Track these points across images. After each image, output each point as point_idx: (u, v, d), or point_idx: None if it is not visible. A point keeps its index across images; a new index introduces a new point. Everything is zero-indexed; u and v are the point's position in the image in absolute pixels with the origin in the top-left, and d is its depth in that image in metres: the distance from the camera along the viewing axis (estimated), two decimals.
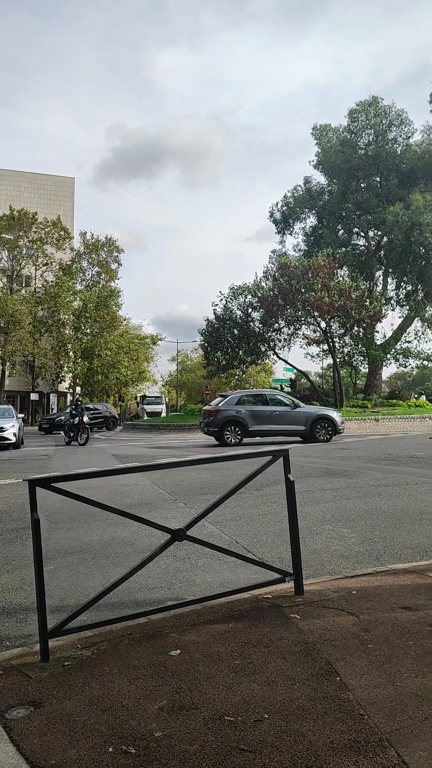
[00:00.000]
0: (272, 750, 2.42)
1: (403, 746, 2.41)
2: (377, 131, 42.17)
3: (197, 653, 3.38)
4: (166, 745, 2.49)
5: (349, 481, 10.31)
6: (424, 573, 4.82)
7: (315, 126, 45.05)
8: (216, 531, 6.65)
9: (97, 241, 58.26)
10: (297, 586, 4.40)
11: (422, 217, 36.33)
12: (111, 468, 4.14)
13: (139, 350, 58.04)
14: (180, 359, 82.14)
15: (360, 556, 5.55)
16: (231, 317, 36.88)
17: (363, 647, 3.37)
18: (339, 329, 36.57)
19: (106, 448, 21.55)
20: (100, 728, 2.64)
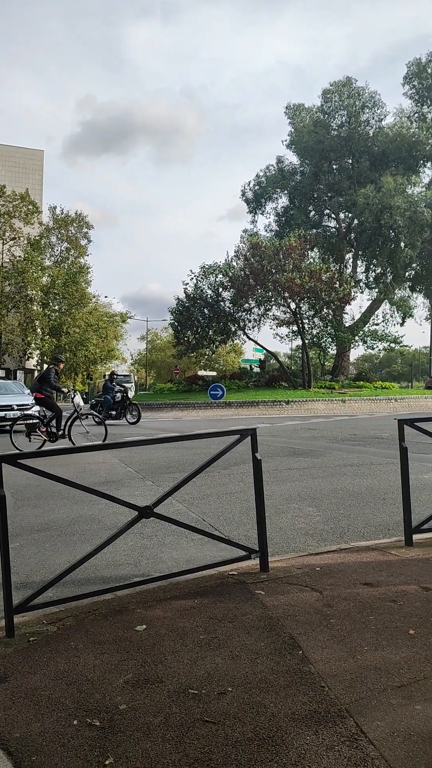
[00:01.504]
0: (235, 721, 2.47)
1: (361, 716, 2.49)
2: (350, 113, 42.10)
3: (163, 628, 3.42)
4: (130, 717, 2.52)
5: (315, 461, 10.44)
6: (386, 550, 4.93)
7: (288, 105, 44.83)
8: (183, 509, 6.69)
9: (66, 217, 57.29)
10: (262, 563, 4.47)
11: (392, 200, 36.52)
12: (78, 446, 4.12)
13: (108, 328, 57.51)
14: (150, 338, 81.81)
15: (324, 534, 5.65)
16: (201, 296, 36.76)
17: (325, 622, 3.45)
18: (309, 311, 36.73)
19: None
20: (65, 702, 2.66)
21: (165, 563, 4.83)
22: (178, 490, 4.41)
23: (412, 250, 38.40)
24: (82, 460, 10.78)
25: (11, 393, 20.05)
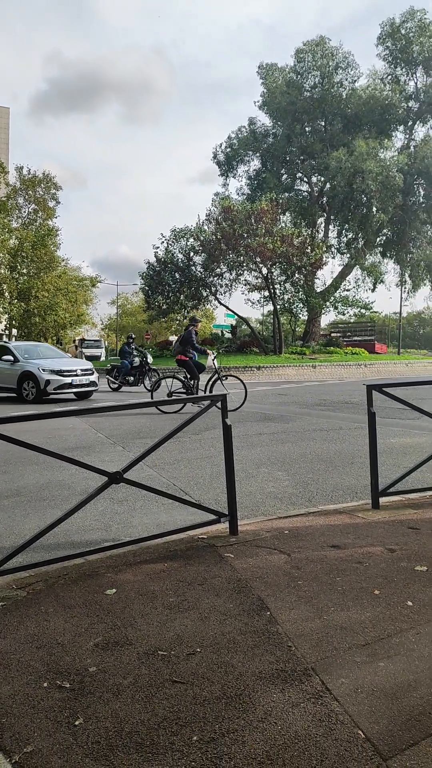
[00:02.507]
0: (203, 681, 2.52)
1: (327, 674, 2.55)
2: (323, 73, 41.44)
3: (132, 592, 3.45)
4: (100, 679, 2.55)
5: (285, 426, 10.53)
6: (354, 513, 5.02)
7: (261, 65, 43.91)
8: (154, 474, 6.72)
9: (34, 177, 55.84)
10: (231, 527, 4.52)
11: (365, 164, 36.29)
12: (47, 411, 4.08)
13: (77, 292, 56.65)
14: (120, 303, 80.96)
15: (293, 498, 5.72)
16: (172, 261, 36.37)
17: (293, 584, 3.51)
18: (280, 276, 36.63)
19: None
20: (35, 665, 2.68)
21: (135, 528, 4.86)
22: (148, 456, 4.41)
23: (383, 215, 38.37)
24: (51, 425, 10.72)
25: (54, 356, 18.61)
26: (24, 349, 18.43)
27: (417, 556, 3.95)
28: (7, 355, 17.48)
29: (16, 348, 18.13)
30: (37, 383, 16.31)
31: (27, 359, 17.27)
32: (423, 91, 40.89)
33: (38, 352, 18.61)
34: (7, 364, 17.25)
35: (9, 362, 17.21)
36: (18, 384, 16.79)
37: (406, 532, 4.49)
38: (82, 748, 2.12)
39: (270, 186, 41.23)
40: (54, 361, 17.51)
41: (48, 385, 16.21)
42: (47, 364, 16.78)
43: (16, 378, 16.82)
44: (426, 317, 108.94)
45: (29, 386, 16.55)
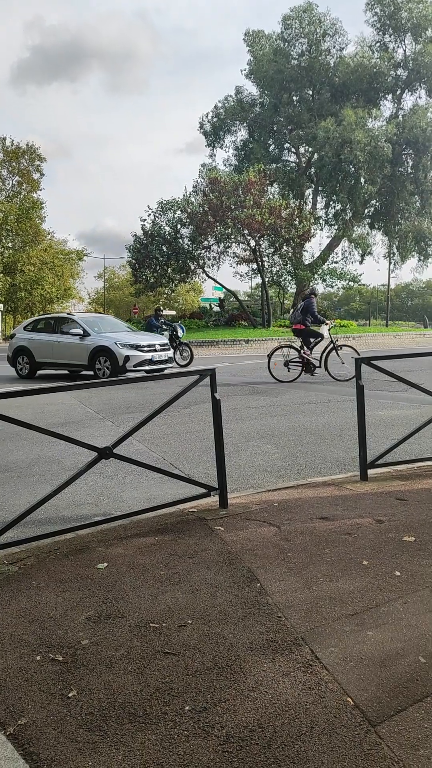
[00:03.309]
0: (194, 652, 2.56)
1: (316, 644, 2.60)
2: (311, 41, 40.75)
3: (124, 565, 3.48)
4: (92, 652, 2.58)
5: (273, 399, 10.57)
6: (342, 485, 5.07)
7: (248, 32, 43.08)
8: (144, 449, 6.73)
9: (17, 149, 54.88)
10: (221, 500, 4.55)
11: (353, 134, 35.92)
12: (36, 387, 4.06)
13: (64, 266, 56.11)
14: (107, 276, 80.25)
15: (283, 471, 5.76)
16: (159, 233, 36.03)
17: (283, 555, 3.55)
18: (268, 248, 36.43)
19: None
20: (28, 639, 2.70)
21: (126, 502, 4.88)
22: (138, 430, 4.42)
23: (371, 186, 38.11)
24: (40, 401, 10.68)
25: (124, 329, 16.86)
26: (90, 321, 16.35)
27: (405, 526, 4.01)
28: (75, 329, 15.55)
29: (84, 321, 16.10)
30: (113, 359, 14.58)
31: (98, 333, 15.49)
32: (412, 58, 40.31)
33: (106, 325, 16.67)
34: (75, 339, 15.41)
35: (78, 336, 15.36)
36: (90, 360, 15.01)
37: (394, 503, 4.54)
38: (76, 719, 2.15)
39: (257, 157, 40.77)
40: (128, 335, 15.95)
41: (127, 362, 14.52)
42: (123, 339, 15.17)
43: (87, 354, 15.03)
44: (414, 289, 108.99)
45: (103, 363, 14.78)
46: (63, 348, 15.63)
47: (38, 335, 16.34)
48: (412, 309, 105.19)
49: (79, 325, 15.65)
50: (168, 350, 15.70)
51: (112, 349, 14.66)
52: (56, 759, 1.96)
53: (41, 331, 16.53)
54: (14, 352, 16.59)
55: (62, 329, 15.92)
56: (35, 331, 16.65)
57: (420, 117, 38.16)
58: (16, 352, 16.54)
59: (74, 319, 16.19)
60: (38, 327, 16.83)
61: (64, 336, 15.71)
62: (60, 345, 15.70)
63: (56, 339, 15.81)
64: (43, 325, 16.83)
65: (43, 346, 16.00)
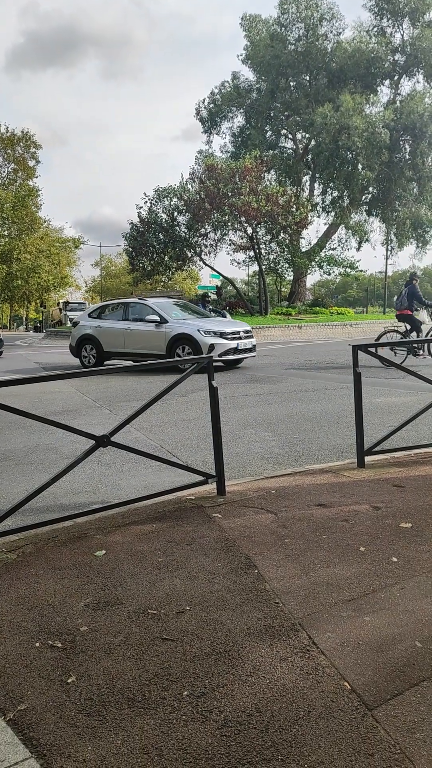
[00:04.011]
0: (193, 638, 2.57)
1: (313, 629, 2.61)
2: (308, 25, 40.35)
3: (122, 553, 3.49)
4: (91, 638, 2.60)
5: (271, 387, 10.57)
6: (339, 472, 5.08)
7: (244, 16, 42.59)
8: (141, 436, 6.74)
9: (12, 135, 54.47)
10: (219, 488, 4.56)
11: (350, 120, 35.67)
12: (34, 375, 4.06)
13: (60, 254, 55.91)
14: (104, 264, 79.95)
15: (280, 458, 5.78)
16: (156, 221, 35.84)
17: (280, 542, 3.57)
18: (265, 235, 36.28)
19: (28, 356, 21.11)
20: (27, 626, 2.72)
21: (124, 490, 4.89)
22: (135, 419, 4.42)
23: (369, 173, 37.91)
24: (37, 389, 10.68)
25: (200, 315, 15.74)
26: (165, 306, 15.02)
27: (402, 513, 4.02)
28: (151, 315, 14.27)
29: (159, 306, 14.77)
30: (195, 349, 13.34)
31: (177, 319, 14.35)
32: (409, 43, 39.93)
33: (180, 311, 15.31)
34: (150, 326, 14.19)
35: (153, 323, 14.13)
36: (168, 350, 13.76)
37: (391, 490, 4.55)
38: (75, 705, 2.17)
39: (254, 143, 40.49)
40: (210, 321, 14.79)
41: (212, 351, 13.14)
42: (206, 325, 13.95)
43: (165, 343, 13.80)
44: None
45: (184, 352, 13.58)
46: (136, 336, 14.39)
47: (106, 322, 15.07)
48: None
49: (154, 311, 14.39)
50: (252, 338, 14.48)
51: (195, 338, 13.44)
52: (56, 744, 1.98)
53: (109, 317, 15.29)
54: (79, 341, 15.33)
55: (134, 315, 14.76)
56: (102, 317, 15.37)
57: (417, 102, 37.88)
58: (81, 341, 15.28)
59: (148, 304, 14.84)
60: (105, 313, 15.52)
61: (137, 323, 14.50)
62: (133, 333, 14.46)
63: (128, 327, 14.54)
64: (111, 311, 15.57)
65: (113, 334, 14.76)
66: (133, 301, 15.57)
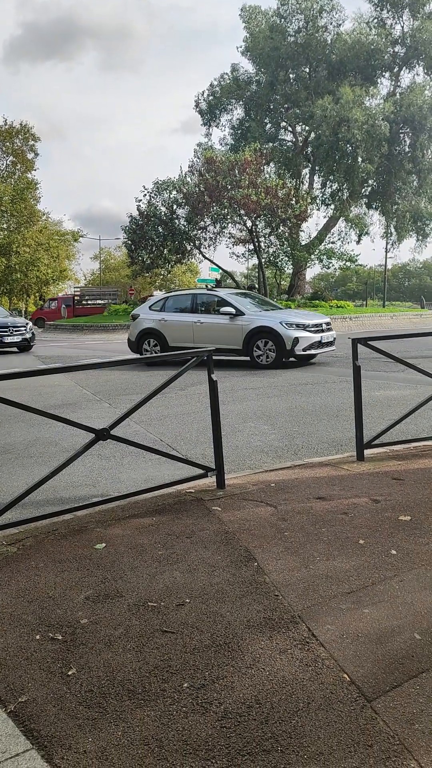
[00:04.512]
0: (193, 630, 2.58)
1: (313, 621, 2.62)
2: (308, 17, 40.13)
3: (122, 546, 3.50)
4: (91, 630, 2.61)
5: (270, 380, 10.57)
6: (339, 465, 5.09)
7: (244, 7, 42.37)
8: (141, 430, 6.74)
9: (11, 128, 54.25)
10: (219, 481, 4.57)
11: (351, 112, 35.52)
12: (33, 369, 4.05)
13: (59, 247, 55.79)
14: (103, 257, 79.81)
15: (279, 451, 5.78)
16: (155, 214, 35.73)
17: (280, 535, 3.58)
18: (265, 228, 36.20)
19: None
20: (27, 618, 2.73)
21: (123, 483, 4.90)
22: (135, 412, 4.42)
23: (369, 165, 37.79)
24: (36, 382, 10.67)
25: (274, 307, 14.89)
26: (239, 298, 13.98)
27: (401, 506, 4.03)
28: (226, 307, 13.18)
29: (232, 297, 13.72)
30: (278, 343, 12.33)
31: (254, 311, 13.38)
32: (410, 35, 39.73)
33: (252, 302, 14.28)
34: (223, 319, 13.10)
35: (227, 316, 13.04)
36: (245, 344, 12.74)
37: (391, 483, 4.56)
38: (76, 697, 2.18)
39: (254, 135, 40.33)
40: (289, 313, 13.96)
41: (296, 345, 12.29)
42: (288, 317, 12.97)
43: (243, 336, 12.74)
44: (411, 269, 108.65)
45: (265, 346, 12.55)
46: (208, 330, 13.23)
47: (171, 315, 13.99)
48: (409, 289, 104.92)
49: (228, 302, 13.31)
50: (332, 330, 13.59)
51: (279, 331, 12.40)
52: (57, 735, 1.99)
53: (174, 310, 14.18)
54: (139, 336, 14.17)
55: (204, 307, 13.79)
56: (165, 310, 14.24)
57: (417, 95, 37.73)
58: (142, 335, 14.11)
59: (221, 295, 13.82)
60: (169, 306, 14.34)
61: (207, 316, 13.49)
62: (203, 327, 13.33)
63: (197, 319, 13.46)
64: (176, 303, 14.38)
65: (180, 328, 13.65)
66: (203, 291, 14.73)
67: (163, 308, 14.30)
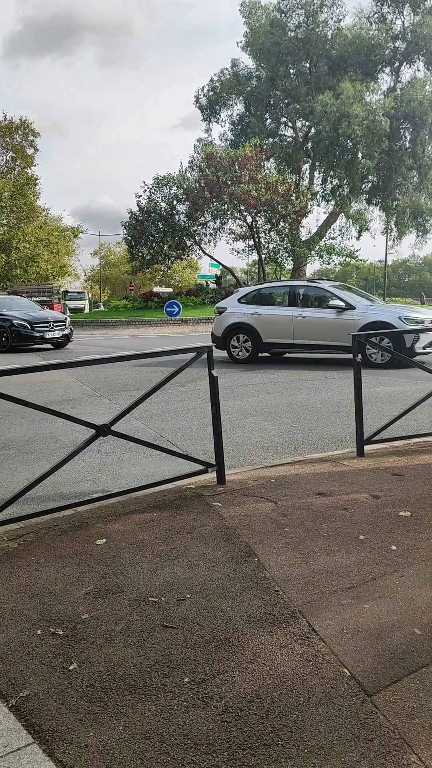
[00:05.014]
0: (193, 625, 2.59)
1: (313, 616, 2.63)
2: (308, 12, 40.01)
3: (122, 541, 3.51)
4: (92, 626, 2.61)
5: (271, 376, 10.57)
6: (339, 461, 5.09)
7: (243, 2, 42.24)
8: (141, 426, 6.75)
9: (10, 123, 54.13)
10: (219, 476, 4.57)
11: (351, 108, 35.45)
12: (32, 365, 4.05)
13: (59, 243, 55.70)
14: (103, 253, 79.75)
15: (279, 447, 5.79)
16: (155, 209, 35.70)
17: (280, 531, 3.58)
18: (265, 224, 36.17)
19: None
20: (28, 613, 2.73)
21: (124, 479, 4.90)
22: (135, 408, 4.42)
23: (369, 161, 37.73)
24: (37, 378, 10.68)
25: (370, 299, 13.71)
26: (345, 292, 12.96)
27: (401, 501, 4.04)
28: (333, 300, 12.14)
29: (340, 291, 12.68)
30: (396, 340, 11.12)
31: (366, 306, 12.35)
32: (410, 30, 39.62)
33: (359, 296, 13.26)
34: (329, 313, 12.05)
35: (335, 310, 12.00)
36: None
37: (391, 478, 4.57)
38: (77, 691, 2.19)
39: (254, 131, 40.27)
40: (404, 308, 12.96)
41: (416, 342, 11.23)
42: (407, 312, 11.99)
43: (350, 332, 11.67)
44: (411, 265, 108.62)
45: (380, 342, 11.01)
46: (312, 325, 12.14)
47: (266, 309, 12.94)
48: (409, 285, 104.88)
49: (336, 295, 12.25)
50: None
51: (397, 327, 11.24)
52: (58, 730, 2.00)
53: (269, 303, 13.22)
54: (227, 331, 13.14)
55: (305, 301, 12.79)
56: (257, 303, 13.18)
57: (418, 90, 37.66)
58: (231, 330, 13.11)
59: (326, 288, 12.72)
60: (262, 298, 13.32)
61: (311, 310, 12.41)
62: (306, 322, 12.24)
63: (299, 314, 12.35)
64: (269, 295, 13.44)
65: (277, 322, 12.57)
66: (303, 283, 13.56)
67: (255, 301, 13.25)
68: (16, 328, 17.62)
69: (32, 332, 17.61)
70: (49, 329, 17.92)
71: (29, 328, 17.60)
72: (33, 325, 17.65)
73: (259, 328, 12.76)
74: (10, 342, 17.62)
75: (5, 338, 17.73)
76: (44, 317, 18.23)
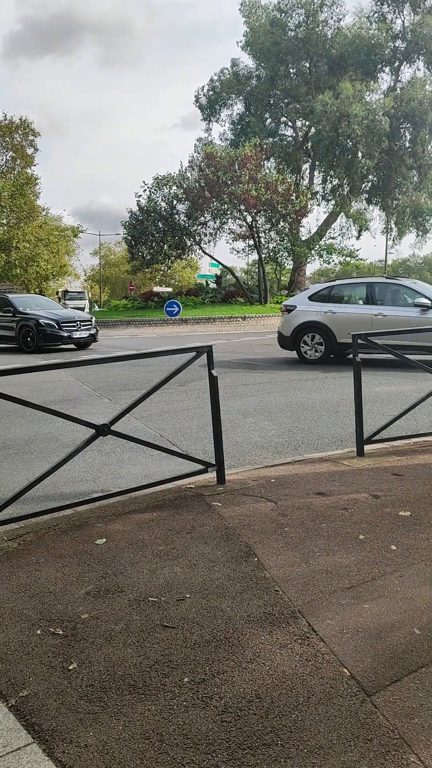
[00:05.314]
0: (193, 625, 2.59)
1: (313, 616, 2.63)
2: (308, 11, 40.00)
3: (122, 541, 3.51)
4: (92, 625, 2.61)
5: (271, 376, 10.58)
6: (339, 461, 5.09)
7: (244, 1, 42.25)
8: (141, 425, 6.75)
9: (10, 123, 54.11)
10: (219, 476, 4.57)
11: (351, 107, 35.43)
12: (32, 365, 4.05)
13: (59, 243, 55.63)
14: (103, 253, 79.70)
15: (279, 447, 5.79)
16: (155, 209, 35.71)
17: (280, 530, 3.59)
18: (265, 224, 36.18)
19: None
20: (28, 613, 2.73)
21: (124, 479, 4.90)
22: (135, 408, 4.42)
23: (369, 161, 37.71)
24: (37, 378, 10.67)
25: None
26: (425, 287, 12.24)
27: (401, 501, 4.04)
28: (419, 298, 11.45)
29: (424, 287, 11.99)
30: None
31: None
32: (410, 29, 39.60)
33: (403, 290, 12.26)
34: (413, 312, 11.35)
35: (419, 308, 11.29)
36: None
37: (390, 478, 4.57)
38: (77, 691, 2.19)
39: (254, 131, 40.27)
40: None
41: None
42: None
43: None
44: (411, 265, 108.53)
45: None
46: (393, 325, 11.23)
47: (341, 307, 12.28)
48: None
49: (420, 293, 11.56)
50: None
51: None
52: (58, 730, 2.00)
53: (342, 301, 12.56)
54: (297, 330, 12.50)
55: (384, 298, 12.05)
56: (330, 301, 12.46)
57: (418, 90, 37.63)
58: (301, 329, 12.45)
59: (407, 285, 12.06)
60: (335, 296, 12.59)
61: (390, 308, 11.71)
62: (386, 321, 11.43)
63: (378, 312, 11.65)
64: (344, 292, 12.71)
65: (353, 321, 11.66)
66: (381, 280, 12.65)
67: (327, 298, 12.50)
68: (43, 327, 16.95)
69: (60, 332, 16.95)
70: (77, 329, 17.29)
71: (57, 328, 16.94)
72: (60, 324, 17.01)
73: (333, 327, 12.04)
74: (37, 342, 16.97)
75: (31, 338, 17.10)
76: (71, 316, 17.72)
